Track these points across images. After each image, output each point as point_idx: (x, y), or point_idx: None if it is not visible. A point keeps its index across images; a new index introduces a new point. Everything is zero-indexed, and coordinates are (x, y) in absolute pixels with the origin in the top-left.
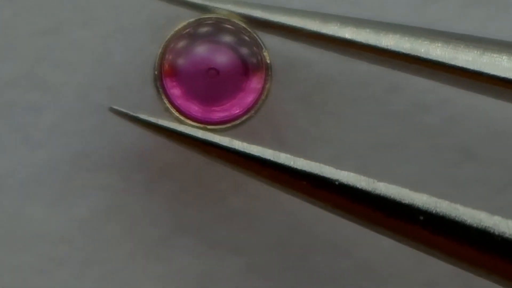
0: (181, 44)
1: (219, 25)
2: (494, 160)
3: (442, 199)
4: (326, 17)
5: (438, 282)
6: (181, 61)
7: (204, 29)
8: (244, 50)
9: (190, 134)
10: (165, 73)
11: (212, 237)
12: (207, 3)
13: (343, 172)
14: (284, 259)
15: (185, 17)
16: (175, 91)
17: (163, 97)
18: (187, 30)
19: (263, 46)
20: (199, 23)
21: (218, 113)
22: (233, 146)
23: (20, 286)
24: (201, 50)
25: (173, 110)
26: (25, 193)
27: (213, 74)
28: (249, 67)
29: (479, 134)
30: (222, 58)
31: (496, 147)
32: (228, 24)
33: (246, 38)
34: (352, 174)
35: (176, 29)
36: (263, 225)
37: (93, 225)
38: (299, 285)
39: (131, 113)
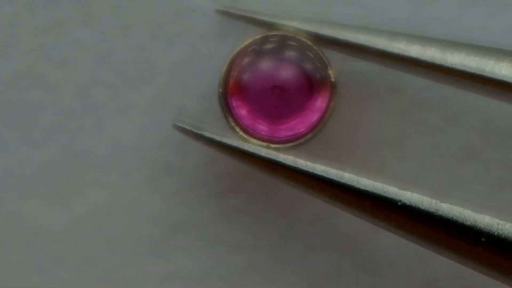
0: (247, 61)
1: (284, 42)
2: (494, 159)
3: (505, 220)
4: (393, 35)
5: (438, 281)
6: (246, 79)
7: (269, 46)
8: (309, 68)
9: (254, 153)
10: (230, 90)
11: (212, 235)
12: (274, 20)
13: (406, 192)
14: (284, 258)
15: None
16: (240, 109)
17: (228, 115)
18: (253, 47)
19: (328, 64)
20: (265, 40)
21: (283, 132)
22: (297, 165)
23: (20, 284)
24: (267, 67)
25: (238, 129)
26: (25, 191)
27: (278, 92)
28: (314, 85)
29: (480, 132)
30: (287, 76)
31: (496, 146)
32: (294, 41)
33: (312, 55)
34: (415, 194)
35: (242, 45)
36: (263, 223)
37: (93, 223)
38: (299, 284)
39: (196, 131)
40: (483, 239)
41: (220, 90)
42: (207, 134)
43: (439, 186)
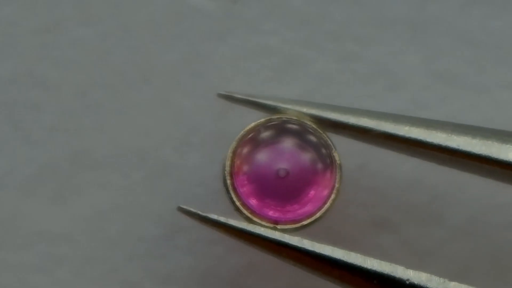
0: (251, 145)
1: (288, 126)
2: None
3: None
4: (397, 118)
5: None
6: (251, 163)
7: (273, 130)
8: (315, 151)
9: (260, 234)
10: (235, 174)
11: (212, 235)
12: (277, 104)
13: (413, 271)
14: None
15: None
16: (246, 192)
17: (234, 198)
18: (257, 130)
19: (333, 147)
20: (268, 123)
21: (289, 215)
22: (303, 246)
23: (20, 284)
24: (271, 151)
25: (243, 209)
26: (25, 191)
27: (283, 176)
28: (319, 168)
29: None
30: (292, 160)
31: None
32: (298, 125)
33: (316, 138)
34: (423, 274)
35: (246, 129)
36: None
37: (93, 223)
38: (298, 284)
39: (201, 213)
40: None
41: (226, 174)
42: (213, 216)
43: (439, 186)
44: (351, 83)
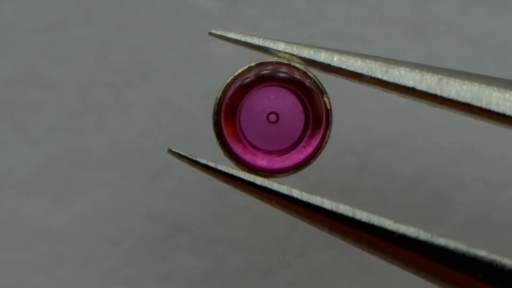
0: (240, 89)
1: (279, 70)
2: (494, 158)
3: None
4: (396, 63)
5: None
6: (240, 107)
7: (264, 73)
8: (305, 96)
9: (249, 181)
10: (224, 118)
11: (212, 234)
12: (268, 45)
13: (402, 225)
14: (284, 257)
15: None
16: (235, 138)
17: (223, 144)
18: (247, 74)
19: (324, 91)
20: (259, 67)
21: (279, 162)
22: (291, 195)
23: (20, 284)
24: (261, 94)
25: (231, 158)
26: (25, 190)
27: (273, 119)
28: (309, 112)
29: (479, 131)
30: (283, 104)
31: (496, 145)
32: (289, 69)
33: (307, 82)
34: (411, 228)
35: (235, 74)
36: (263, 222)
37: (93, 222)
38: (298, 283)
39: (190, 157)
40: (480, 275)
41: (215, 118)
42: (202, 160)
43: (439, 186)
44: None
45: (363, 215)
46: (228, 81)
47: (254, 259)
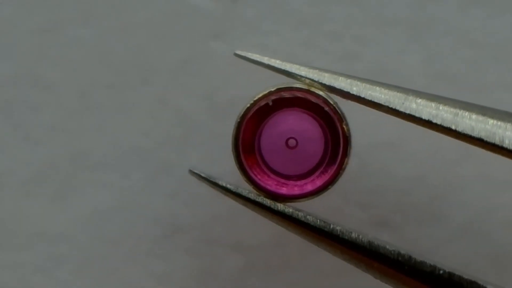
0: (260, 113)
1: (299, 95)
2: (494, 158)
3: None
4: (415, 94)
5: None
6: (260, 131)
7: (283, 98)
8: (324, 121)
9: (267, 206)
10: (243, 142)
11: (212, 235)
12: (290, 69)
13: (414, 257)
14: (284, 257)
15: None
16: (253, 161)
17: (241, 168)
18: (266, 99)
19: (343, 118)
20: (279, 91)
21: (296, 188)
22: (307, 222)
23: (20, 284)
24: (280, 119)
25: (249, 183)
26: (25, 191)
27: (293, 144)
28: (328, 138)
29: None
30: (302, 128)
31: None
32: (309, 94)
33: (327, 109)
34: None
35: (256, 98)
36: (262, 223)
37: (93, 223)
38: (298, 284)
39: (210, 179)
40: None
41: (234, 141)
42: (222, 183)
43: (439, 186)
44: None
45: (379, 244)
46: (248, 105)
47: (254, 259)
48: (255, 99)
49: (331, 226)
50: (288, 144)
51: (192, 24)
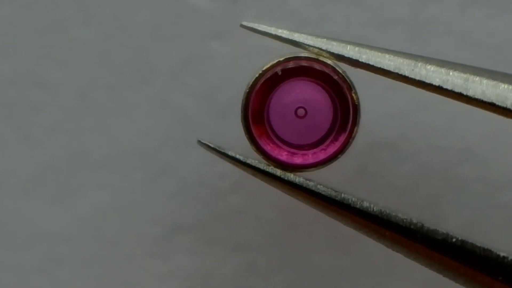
0: (269, 83)
1: (307, 64)
2: (493, 159)
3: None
4: (424, 60)
5: (437, 280)
6: (268, 101)
7: (292, 68)
8: (333, 90)
9: (276, 175)
10: (252, 112)
11: (212, 235)
12: (297, 38)
13: (426, 225)
14: (284, 258)
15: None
16: (263, 131)
17: (250, 138)
18: (275, 68)
19: (352, 87)
20: (287, 61)
21: (306, 157)
22: (318, 191)
23: (20, 284)
24: (289, 89)
25: (259, 153)
26: (25, 191)
27: (302, 114)
28: (338, 107)
29: (479, 132)
30: (311, 97)
31: (496, 146)
32: (318, 63)
33: (336, 78)
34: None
35: (264, 67)
36: (263, 223)
37: (93, 223)
38: (298, 284)
39: (219, 149)
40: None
41: (243, 112)
42: (231, 153)
43: (439, 186)
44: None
45: (390, 212)
46: (257, 75)
47: (254, 259)
48: (263, 69)
49: (342, 195)
50: (297, 113)
51: (192, 24)
